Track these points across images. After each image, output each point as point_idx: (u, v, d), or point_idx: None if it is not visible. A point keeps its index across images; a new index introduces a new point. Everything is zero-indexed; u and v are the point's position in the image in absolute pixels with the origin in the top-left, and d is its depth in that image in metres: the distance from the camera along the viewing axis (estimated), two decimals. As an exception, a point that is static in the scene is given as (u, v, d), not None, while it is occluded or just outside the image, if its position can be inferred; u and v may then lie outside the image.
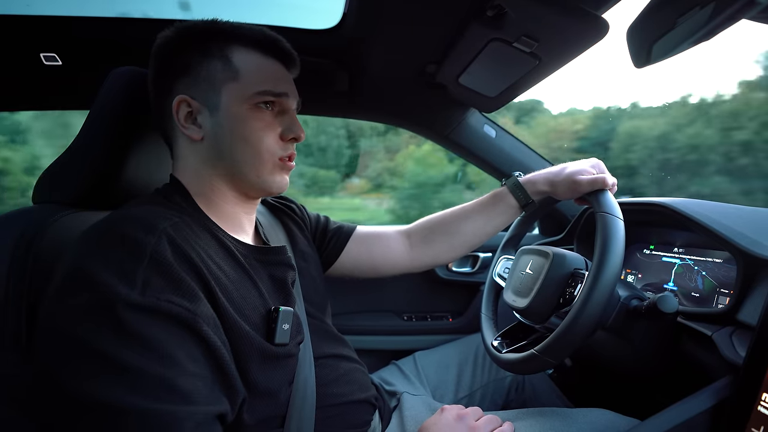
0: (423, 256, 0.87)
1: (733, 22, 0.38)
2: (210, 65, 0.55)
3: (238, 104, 0.56)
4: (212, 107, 0.56)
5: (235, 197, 0.60)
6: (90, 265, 0.41)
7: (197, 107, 0.56)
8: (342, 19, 0.86)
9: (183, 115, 0.55)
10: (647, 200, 0.85)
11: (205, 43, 0.56)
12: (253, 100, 0.56)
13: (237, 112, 0.56)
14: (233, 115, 0.55)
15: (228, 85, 0.55)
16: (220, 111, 0.55)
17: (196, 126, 0.56)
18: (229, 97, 0.55)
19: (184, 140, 0.57)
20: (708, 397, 0.58)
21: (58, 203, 0.59)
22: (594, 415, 0.68)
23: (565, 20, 0.66)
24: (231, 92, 0.55)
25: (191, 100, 0.55)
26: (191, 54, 0.55)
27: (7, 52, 0.86)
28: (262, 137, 0.57)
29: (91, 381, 0.38)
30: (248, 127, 0.56)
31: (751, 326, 0.58)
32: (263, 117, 0.57)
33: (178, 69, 0.56)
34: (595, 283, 0.58)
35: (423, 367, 0.95)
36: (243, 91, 0.56)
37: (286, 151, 0.60)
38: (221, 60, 0.55)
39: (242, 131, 0.56)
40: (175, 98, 0.55)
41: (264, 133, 0.57)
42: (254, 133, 0.57)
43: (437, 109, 1.09)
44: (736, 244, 0.65)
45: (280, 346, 0.52)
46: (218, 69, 0.55)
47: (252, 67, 0.56)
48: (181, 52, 0.56)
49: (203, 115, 0.56)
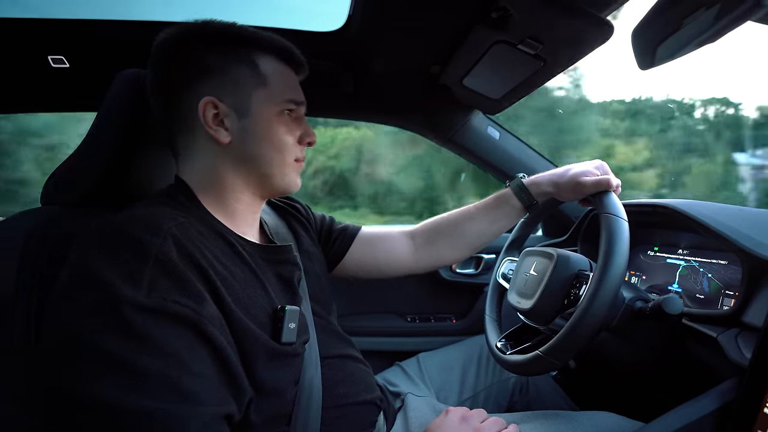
0: (427, 257, 0.87)
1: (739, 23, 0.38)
2: (237, 69, 0.56)
3: (267, 109, 0.58)
4: (241, 111, 0.56)
5: (250, 197, 0.61)
6: (95, 265, 0.41)
7: (225, 110, 0.56)
8: (347, 21, 0.87)
9: (210, 117, 0.55)
10: (652, 202, 0.85)
11: (229, 45, 0.56)
12: (281, 106, 0.59)
13: (266, 117, 0.58)
14: (263, 120, 0.57)
15: (257, 91, 0.57)
16: (251, 115, 0.57)
17: (223, 128, 0.56)
18: (260, 103, 0.57)
19: (205, 141, 0.57)
20: (713, 399, 0.58)
21: (65, 204, 0.59)
22: (599, 418, 0.67)
23: (570, 22, 0.66)
24: (261, 98, 0.57)
25: (219, 103, 0.55)
26: (212, 55, 0.55)
27: (15, 54, 0.87)
28: (286, 141, 0.60)
29: (97, 381, 0.38)
30: (276, 131, 0.59)
31: (757, 328, 0.58)
32: (286, 122, 0.60)
33: (197, 69, 0.55)
34: (600, 283, 0.58)
35: (427, 368, 0.95)
36: (272, 98, 0.58)
37: (301, 153, 0.63)
38: (248, 65, 0.56)
39: (271, 135, 0.58)
40: (202, 100, 0.54)
41: (288, 138, 0.60)
42: (281, 137, 0.59)
43: (441, 111, 1.09)
44: (741, 245, 0.64)
45: (286, 345, 0.52)
46: (246, 74, 0.56)
47: (278, 75, 0.59)
48: (199, 52, 0.56)
49: (231, 119, 0.56)
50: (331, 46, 0.91)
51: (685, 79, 3.42)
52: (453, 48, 0.82)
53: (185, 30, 0.56)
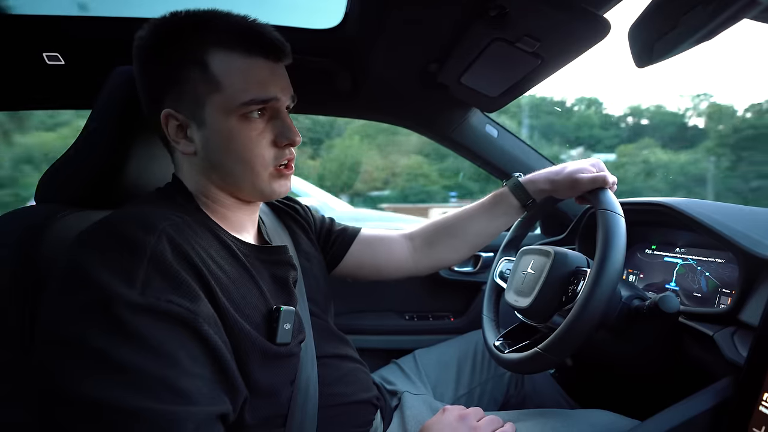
0: (426, 259, 0.87)
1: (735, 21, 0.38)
2: (190, 74, 0.51)
3: (223, 117, 0.52)
4: (199, 121, 0.53)
5: (236, 203, 0.60)
6: (89, 264, 0.41)
7: (185, 121, 0.53)
8: (344, 18, 0.86)
9: (173, 129, 0.53)
10: (649, 200, 0.85)
11: (182, 44, 0.51)
12: (240, 111, 0.52)
13: (223, 125, 0.52)
14: (220, 130, 0.52)
15: (211, 98, 0.51)
16: (207, 126, 0.52)
17: (187, 140, 0.54)
18: (214, 111, 0.52)
19: (178, 152, 0.56)
20: (709, 397, 0.58)
21: (60, 202, 0.59)
22: (595, 416, 0.68)
23: (567, 20, 0.66)
24: (215, 105, 0.52)
25: (178, 115, 0.53)
26: (169, 59, 0.52)
27: (9, 51, 0.86)
28: (253, 149, 0.54)
29: (91, 381, 0.38)
30: (237, 140, 0.53)
31: (753, 326, 0.58)
32: (253, 126, 0.54)
33: (161, 79, 0.52)
34: (598, 278, 0.58)
35: (423, 365, 0.95)
36: (227, 104, 0.51)
37: (281, 158, 0.56)
38: (199, 67, 0.51)
39: (231, 146, 0.53)
40: (162, 113, 0.52)
41: (255, 144, 0.54)
42: (244, 145, 0.53)
43: (439, 109, 1.09)
44: (738, 244, 0.65)
45: (281, 345, 0.52)
46: (197, 79, 0.51)
47: (234, 74, 0.51)
48: (159, 56, 0.52)
49: (192, 129, 0.53)
50: (328, 43, 0.90)
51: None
52: (451, 46, 0.82)
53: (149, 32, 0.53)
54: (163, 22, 0.53)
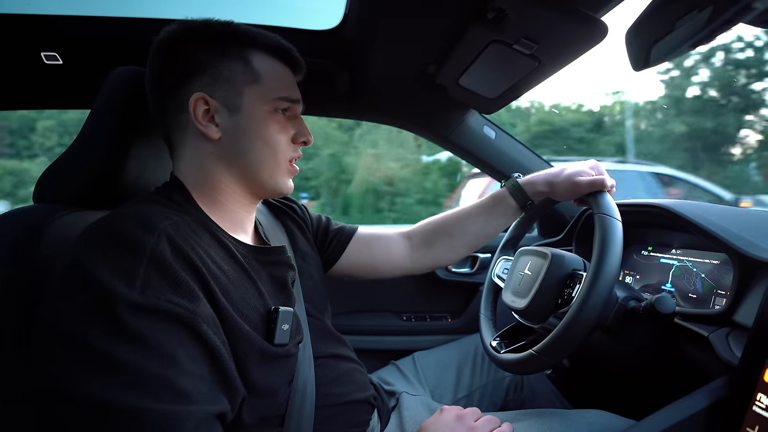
0: (424, 258, 0.88)
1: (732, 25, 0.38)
2: (230, 66, 0.56)
3: (259, 106, 0.57)
4: (233, 108, 0.56)
5: (242, 197, 0.60)
6: (89, 263, 0.41)
7: (216, 106, 0.56)
8: (343, 19, 0.86)
9: (200, 113, 0.55)
10: (645, 202, 0.85)
11: (223, 43, 0.56)
12: (274, 104, 0.58)
13: (258, 114, 0.57)
14: (255, 117, 0.57)
15: (250, 88, 0.57)
16: (242, 112, 0.57)
17: (214, 125, 0.56)
18: (251, 99, 0.57)
19: (196, 138, 0.57)
20: (704, 397, 0.58)
21: (59, 202, 0.59)
22: (592, 416, 0.68)
23: (565, 23, 0.66)
24: (253, 94, 0.57)
25: (210, 99, 0.55)
26: (207, 52, 0.56)
27: (7, 51, 0.86)
28: (279, 140, 0.59)
29: (90, 381, 0.38)
30: (268, 129, 0.58)
31: (747, 327, 0.59)
32: (279, 120, 0.60)
33: (191, 66, 0.56)
34: (594, 283, 0.58)
35: (422, 367, 0.95)
36: (265, 95, 0.58)
37: (295, 153, 0.63)
38: (241, 62, 0.56)
39: (262, 133, 0.58)
40: (192, 96, 0.55)
41: (280, 136, 0.60)
42: (273, 135, 0.59)
43: (437, 110, 1.09)
44: (733, 245, 0.65)
45: (279, 346, 0.52)
46: (239, 71, 0.56)
47: (272, 72, 0.59)
48: (194, 49, 0.56)
49: (222, 115, 0.56)
50: (327, 44, 0.91)
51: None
52: (449, 47, 0.82)
53: (184, 28, 0.56)
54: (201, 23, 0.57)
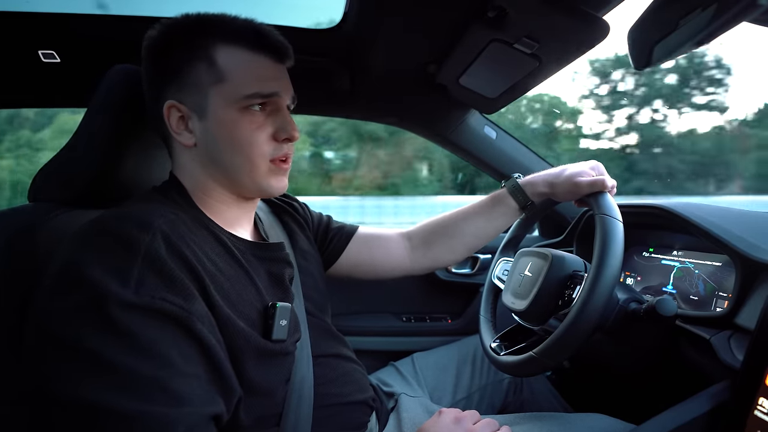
0: (423, 258, 0.87)
1: (735, 24, 0.37)
2: (196, 67, 0.53)
3: (225, 108, 0.53)
4: (200, 112, 0.53)
5: (233, 199, 0.59)
6: (83, 262, 0.40)
7: (187, 113, 0.54)
8: (343, 18, 0.86)
9: (174, 120, 0.54)
10: (647, 203, 0.85)
11: (190, 41, 0.53)
12: (242, 103, 0.53)
13: (225, 116, 0.53)
14: (221, 120, 0.53)
15: (214, 89, 0.53)
16: (208, 116, 0.53)
17: (188, 132, 0.55)
18: (216, 101, 0.53)
19: (179, 145, 0.56)
20: (705, 400, 0.58)
21: (54, 201, 0.58)
22: (591, 420, 0.68)
23: (566, 22, 0.66)
24: (218, 96, 0.53)
25: (180, 106, 0.53)
26: (177, 55, 0.53)
27: (5, 49, 0.86)
28: (252, 141, 0.55)
29: (83, 382, 0.37)
30: (237, 131, 0.54)
31: (749, 330, 0.58)
32: (254, 119, 0.55)
33: (167, 72, 0.54)
34: (594, 285, 0.58)
35: (421, 368, 0.94)
36: (230, 95, 0.53)
37: (279, 151, 0.57)
38: (206, 61, 0.52)
39: (231, 136, 0.54)
40: (165, 104, 0.53)
41: (255, 136, 0.55)
42: (244, 137, 0.54)
43: (438, 110, 1.09)
44: (735, 247, 0.65)
45: (277, 342, 0.52)
46: (203, 71, 0.52)
47: (238, 67, 0.53)
48: (168, 53, 0.53)
49: (193, 121, 0.54)
50: (327, 42, 0.90)
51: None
52: (449, 46, 0.81)
53: (161, 32, 0.54)
54: (174, 21, 0.55)
